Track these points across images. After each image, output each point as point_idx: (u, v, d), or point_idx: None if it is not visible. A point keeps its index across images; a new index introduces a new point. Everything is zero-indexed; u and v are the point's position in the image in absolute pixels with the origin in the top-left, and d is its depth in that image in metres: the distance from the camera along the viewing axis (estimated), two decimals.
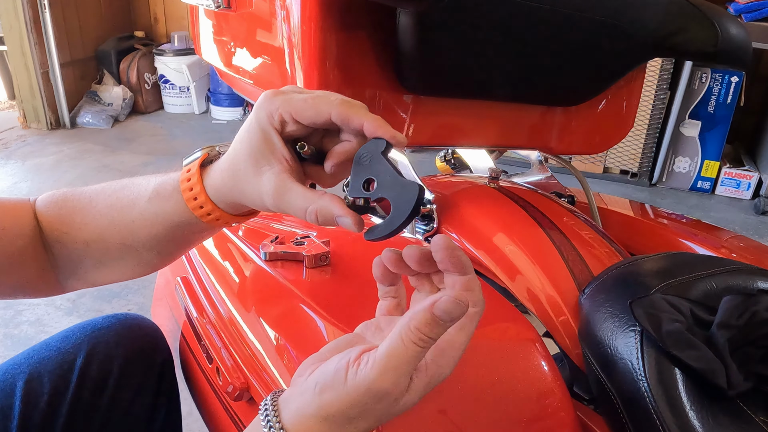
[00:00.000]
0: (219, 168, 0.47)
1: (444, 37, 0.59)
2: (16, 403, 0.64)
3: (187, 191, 0.48)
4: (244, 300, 0.64)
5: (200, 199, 0.47)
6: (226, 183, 0.46)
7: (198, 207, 0.48)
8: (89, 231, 0.51)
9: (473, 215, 0.78)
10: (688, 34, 0.71)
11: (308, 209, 0.42)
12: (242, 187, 0.45)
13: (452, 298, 0.37)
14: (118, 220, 0.51)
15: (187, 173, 0.48)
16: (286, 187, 0.43)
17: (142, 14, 4.25)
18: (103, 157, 3.18)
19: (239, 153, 0.45)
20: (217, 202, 0.47)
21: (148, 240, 0.51)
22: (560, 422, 0.51)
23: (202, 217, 0.48)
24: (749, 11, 2.58)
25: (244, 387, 0.58)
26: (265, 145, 0.43)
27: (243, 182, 0.44)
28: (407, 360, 0.37)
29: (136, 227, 0.50)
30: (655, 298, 0.54)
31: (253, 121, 0.44)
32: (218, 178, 0.47)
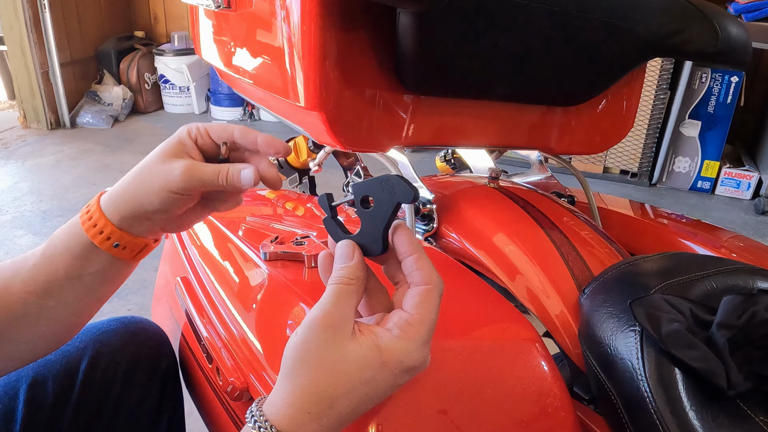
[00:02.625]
0: (119, 183, 0.52)
1: (444, 37, 0.59)
2: (20, 407, 0.64)
3: (84, 215, 0.51)
4: (244, 300, 0.64)
5: (94, 218, 0.51)
6: (126, 189, 0.51)
7: (91, 225, 0.51)
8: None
9: (473, 215, 0.78)
10: (688, 34, 0.71)
11: (220, 173, 0.50)
12: (145, 180, 0.50)
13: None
14: (20, 268, 0.52)
15: (87, 213, 0.52)
16: (197, 165, 0.50)
17: (142, 14, 4.25)
18: (103, 157, 3.18)
19: (149, 158, 0.51)
20: (112, 217, 0.51)
21: (48, 281, 0.52)
22: (560, 422, 0.51)
23: (93, 235, 0.50)
24: (749, 11, 2.58)
25: (244, 387, 0.58)
26: (176, 149, 0.51)
27: (147, 175, 0.50)
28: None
29: (37, 269, 0.52)
30: (655, 298, 0.54)
31: (174, 135, 0.52)
32: (118, 190, 0.51)
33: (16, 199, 2.66)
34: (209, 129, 0.52)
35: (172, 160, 0.50)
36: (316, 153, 0.98)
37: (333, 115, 0.62)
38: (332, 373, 0.40)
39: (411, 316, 0.42)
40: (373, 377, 0.40)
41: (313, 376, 0.40)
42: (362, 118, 0.65)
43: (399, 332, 0.41)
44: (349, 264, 0.44)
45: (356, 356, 0.40)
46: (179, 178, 0.49)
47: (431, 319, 0.42)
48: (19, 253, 2.22)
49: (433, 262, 0.66)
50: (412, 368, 0.41)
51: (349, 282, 0.43)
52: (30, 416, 0.64)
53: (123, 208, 0.51)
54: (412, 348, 0.41)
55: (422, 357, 0.42)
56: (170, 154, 0.50)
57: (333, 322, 0.41)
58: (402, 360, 0.41)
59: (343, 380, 0.40)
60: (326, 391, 0.40)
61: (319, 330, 0.41)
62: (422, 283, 0.43)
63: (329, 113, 0.61)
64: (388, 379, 0.41)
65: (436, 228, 0.81)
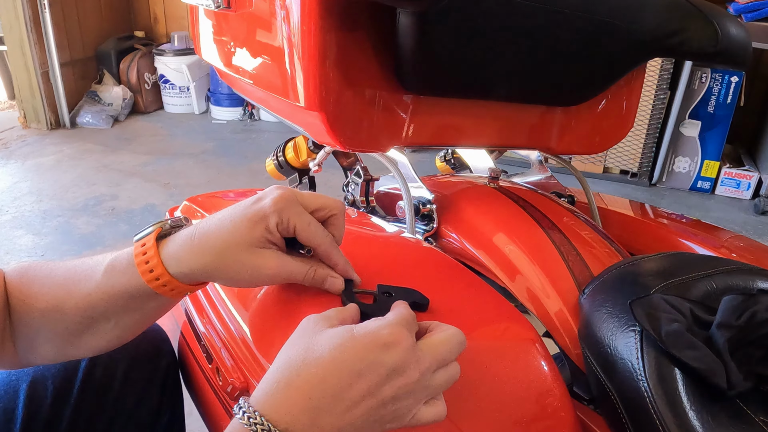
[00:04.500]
0: (189, 245, 0.50)
1: (444, 37, 0.59)
2: (19, 406, 0.64)
3: (142, 264, 0.50)
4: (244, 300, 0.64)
5: (156, 272, 0.50)
6: (200, 260, 0.50)
7: (154, 279, 0.50)
8: (46, 301, 0.52)
9: (473, 215, 0.78)
10: (688, 34, 0.71)
11: (308, 271, 0.53)
12: (229, 264, 0.50)
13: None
14: (74, 291, 0.52)
15: (141, 247, 0.51)
16: (286, 261, 0.52)
17: (142, 14, 4.25)
18: (103, 157, 3.18)
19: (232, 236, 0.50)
20: (176, 274, 0.50)
21: (105, 312, 0.52)
22: (560, 422, 0.51)
23: (157, 288, 0.50)
24: (749, 11, 2.58)
25: (244, 387, 0.58)
26: (266, 237, 0.50)
27: (232, 260, 0.50)
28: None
29: (93, 299, 0.52)
30: (654, 298, 0.54)
31: (266, 216, 0.50)
32: (187, 254, 0.50)
33: (16, 199, 2.66)
34: (299, 233, 0.52)
35: (260, 251, 0.50)
36: (316, 153, 0.98)
37: (333, 115, 0.62)
38: (305, 347, 0.42)
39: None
40: (342, 344, 0.41)
41: (288, 352, 0.43)
42: (362, 118, 0.66)
43: (372, 320, 0.45)
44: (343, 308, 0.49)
45: (329, 332, 0.43)
46: (269, 276, 0.51)
47: (408, 315, 0.45)
48: (19, 253, 2.22)
49: (433, 262, 0.66)
50: (388, 343, 0.42)
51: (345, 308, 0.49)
52: (30, 415, 0.64)
53: (190, 272, 0.50)
54: (383, 323, 0.43)
55: (396, 331, 0.42)
56: (259, 243, 0.50)
57: (318, 316, 0.45)
58: (372, 332, 0.42)
59: (312, 349, 0.42)
60: (295, 360, 0.42)
61: (303, 322, 0.45)
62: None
63: (329, 113, 0.61)
64: (359, 349, 0.41)
65: (436, 228, 0.81)
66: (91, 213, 2.55)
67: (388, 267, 0.63)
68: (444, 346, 0.44)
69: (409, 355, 0.42)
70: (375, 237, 0.74)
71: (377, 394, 0.41)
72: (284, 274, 0.52)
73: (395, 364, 0.41)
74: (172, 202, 2.57)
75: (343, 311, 0.48)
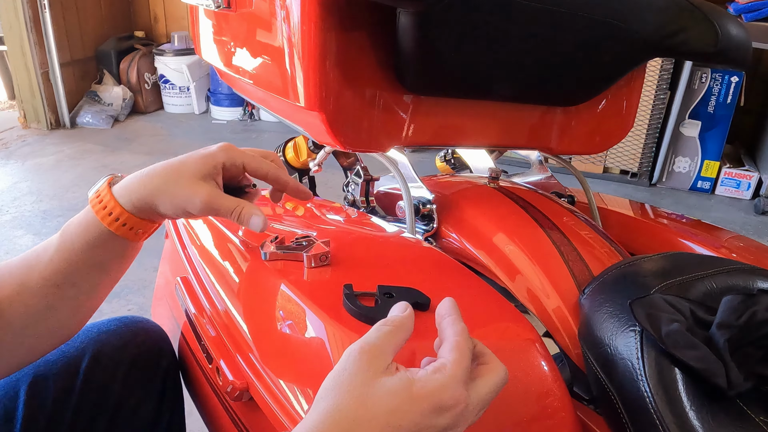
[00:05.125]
0: (137, 177, 0.55)
1: (444, 37, 0.59)
2: (20, 407, 0.64)
3: (100, 210, 0.54)
4: (244, 300, 0.64)
5: (113, 212, 0.54)
6: (147, 186, 0.54)
7: (106, 214, 0.54)
8: (9, 285, 0.54)
9: (473, 215, 0.78)
10: (688, 34, 0.71)
11: (235, 208, 0.56)
12: (171, 189, 0.54)
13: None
14: (35, 264, 0.54)
15: (97, 197, 0.55)
16: (219, 194, 0.56)
17: (142, 14, 4.25)
18: (103, 157, 3.18)
19: (181, 165, 0.55)
20: (127, 206, 0.54)
21: (68, 273, 0.54)
22: (560, 422, 0.51)
23: (110, 224, 0.54)
24: (749, 11, 2.58)
25: (244, 387, 0.58)
26: (210, 171, 0.56)
27: (174, 184, 0.54)
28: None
29: (55, 263, 0.54)
30: (655, 298, 0.54)
31: (209, 154, 0.57)
32: (135, 183, 0.55)
33: (16, 199, 2.66)
34: (247, 164, 0.58)
35: (199, 182, 0.55)
36: (316, 153, 0.98)
37: (333, 115, 0.62)
38: (358, 399, 0.39)
39: (444, 358, 0.42)
40: (399, 407, 0.38)
41: (338, 400, 0.39)
42: (362, 118, 0.66)
43: (433, 369, 0.41)
44: (401, 314, 0.45)
45: (386, 386, 0.39)
46: (198, 206, 0.54)
47: (465, 365, 0.41)
48: (18, 253, 2.21)
49: (433, 262, 0.66)
50: (446, 407, 0.39)
51: (394, 324, 0.43)
52: (30, 416, 0.64)
53: (138, 200, 0.54)
54: (445, 382, 0.40)
55: (457, 394, 0.40)
56: (201, 174, 0.55)
57: (371, 352, 0.41)
58: (433, 393, 0.39)
59: (367, 405, 0.38)
60: (348, 416, 0.38)
61: (354, 356, 0.41)
62: (454, 335, 0.43)
63: (329, 113, 0.61)
64: (416, 414, 0.39)
65: (436, 228, 0.81)
66: None
67: (389, 267, 0.63)
68: (492, 394, 0.43)
69: (462, 415, 0.40)
70: (375, 237, 0.74)
71: None
72: (214, 205, 0.55)
73: (448, 425, 0.40)
74: None
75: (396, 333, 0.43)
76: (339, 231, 0.77)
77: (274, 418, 0.52)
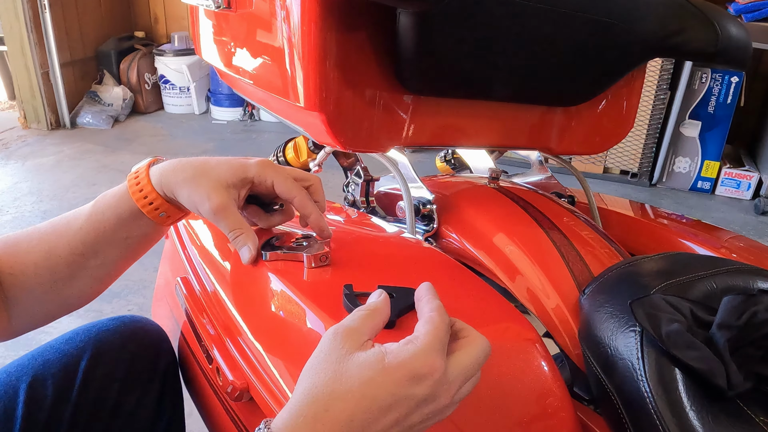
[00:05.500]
0: (175, 164, 0.57)
1: (444, 37, 0.59)
2: (19, 406, 0.64)
3: (133, 184, 0.57)
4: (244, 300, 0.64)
5: (145, 189, 0.57)
6: (178, 175, 0.56)
7: (139, 193, 0.57)
8: (38, 251, 0.57)
9: (473, 215, 0.78)
10: (688, 34, 0.71)
11: (234, 231, 0.57)
12: (192, 186, 0.56)
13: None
14: (64, 232, 0.57)
15: (135, 177, 0.57)
16: (229, 208, 0.56)
17: (142, 14, 4.25)
18: (103, 157, 3.18)
19: (213, 168, 0.57)
20: (156, 187, 0.57)
21: (96, 242, 0.57)
22: (560, 422, 0.51)
23: (141, 204, 0.57)
24: (749, 11, 2.58)
25: (244, 387, 0.58)
26: (235, 182, 0.57)
27: (196, 184, 0.56)
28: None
29: (84, 232, 0.57)
30: (655, 298, 0.54)
31: (241, 166, 0.58)
32: (170, 169, 0.57)
33: (16, 200, 2.66)
34: (277, 184, 0.59)
35: (220, 189, 0.56)
36: (316, 153, 0.98)
37: (333, 116, 0.62)
38: (333, 374, 0.40)
39: (418, 331, 0.42)
40: (373, 378, 0.39)
41: (315, 379, 0.40)
42: (362, 119, 0.66)
43: (405, 341, 0.41)
44: (377, 299, 0.47)
45: (359, 359, 0.40)
46: (206, 210, 0.56)
47: (438, 337, 0.42)
48: None
49: (433, 262, 0.66)
50: (420, 375, 0.40)
51: (369, 308, 0.45)
52: (29, 416, 0.64)
53: (167, 186, 0.57)
54: (416, 351, 0.40)
55: (431, 362, 0.40)
56: (226, 182, 0.56)
57: (346, 332, 0.42)
58: (405, 362, 0.40)
59: (341, 380, 0.39)
60: (324, 391, 0.39)
61: (330, 338, 0.42)
62: (429, 311, 0.44)
63: (329, 113, 0.61)
64: (390, 385, 0.39)
65: (436, 228, 0.81)
66: None
67: (389, 267, 0.63)
68: (474, 365, 0.43)
69: (441, 385, 0.41)
70: (375, 237, 0.74)
71: (405, 422, 0.40)
72: (219, 216, 0.56)
73: (426, 395, 0.40)
74: None
75: (373, 316, 0.44)
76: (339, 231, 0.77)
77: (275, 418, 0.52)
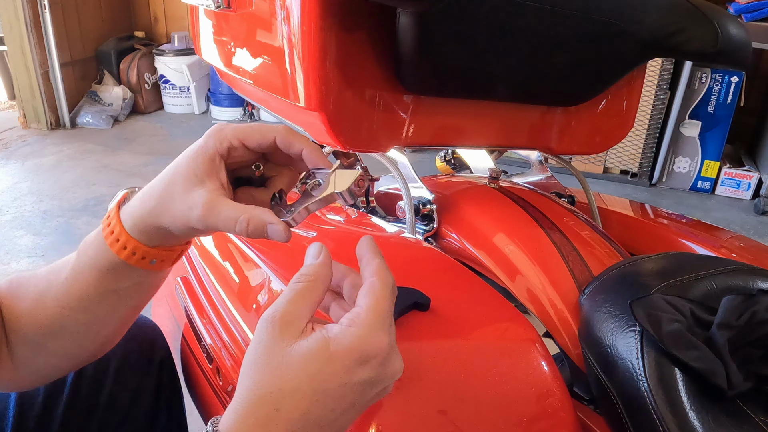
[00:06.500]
0: (139, 195, 0.46)
1: (444, 37, 0.59)
2: (11, 405, 0.63)
3: (105, 228, 0.47)
4: (244, 300, 0.64)
5: (116, 233, 0.46)
6: (146, 205, 0.45)
7: (115, 241, 0.46)
8: (30, 298, 0.50)
9: (473, 215, 0.78)
10: (688, 34, 0.71)
11: (240, 218, 0.43)
12: (167, 205, 0.44)
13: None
14: (54, 280, 0.49)
15: (107, 218, 0.47)
16: (218, 201, 0.43)
17: (142, 14, 4.25)
18: (103, 157, 3.18)
19: (173, 173, 0.45)
20: (134, 233, 0.46)
21: (80, 298, 0.49)
22: (560, 422, 0.51)
23: (119, 253, 0.46)
24: (749, 11, 2.58)
25: None
26: (204, 168, 0.44)
27: (169, 200, 0.44)
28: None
29: (69, 284, 0.49)
30: (655, 298, 0.54)
31: (199, 147, 0.45)
32: (137, 204, 0.46)
33: (16, 200, 2.66)
34: (245, 139, 0.45)
35: (195, 187, 0.44)
36: None
37: (333, 115, 0.62)
38: (276, 371, 0.37)
39: (359, 308, 0.39)
40: (320, 370, 0.37)
41: (258, 377, 0.37)
42: (362, 119, 0.65)
43: (347, 322, 0.39)
44: (315, 262, 0.42)
45: (301, 350, 0.37)
46: (199, 219, 0.43)
47: (381, 307, 0.39)
48: (18, 253, 2.22)
49: (433, 262, 0.66)
50: (367, 357, 0.38)
51: (308, 279, 0.40)
52: (21, 414, 0.63)
53: (142, 223, 0.46)
54: (361, 333, 0.38)
55: (377, 342, 0.38)
56: (194, 177, 0.44)
57: (283, 319, 0.38)
58: (351, 347, 0.37)
59: (287, 377, 0.37)
60: (271, 391, 0.37)
61: (268, 328, 0.38)
62: (369, 276, 0.41)
63: (329, 113, 0.61)
64: (340, 373, 0.37)
65: (436, 228, 0.81)
66: (91, 213, 2.55)
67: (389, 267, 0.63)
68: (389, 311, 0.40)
69: (388, 362, 0.39)
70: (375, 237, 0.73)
71: (360, 402, 0.39)
72: (212, 218, 0.43)
73: (377, 373, 0.39)
74: None
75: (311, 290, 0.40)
76: (339, 231, 0.77)
77: None
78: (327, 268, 0.42)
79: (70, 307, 0.49)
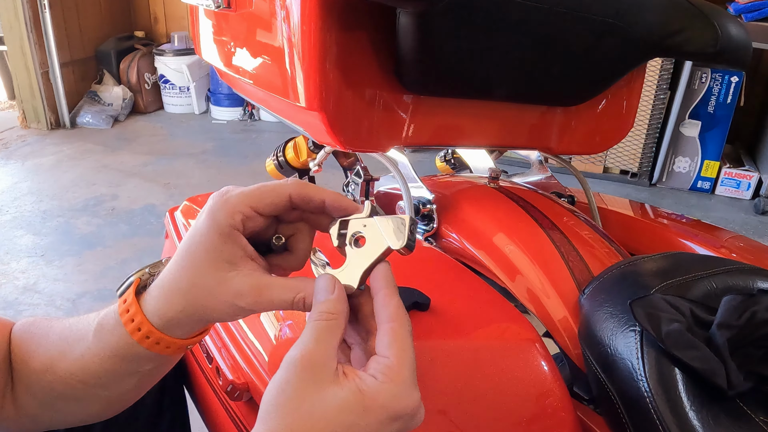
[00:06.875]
0: (160, 292, 0.43)
1: (444, 37, 0.59)
2: None
3: (129, 323, 0.44)
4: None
5: (144, 330, 0.43)
6: (175, 305, 0.42)
7: (144, 338, 0.43)
8: (40, 360, 0.48)
9: (473, 215, 0.78)
10: (688, 34, 0.71)
11: (295, 298, 0.41)
12: (203, 302, 0.42)
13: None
14: (68, 352, 0.47)
15: (123, 304, 0.44)
16: (265, 283, 0.41)
17: (142, 14, 4.25)
18: (103, 157, 3.18)
19: (191, 264, 0.42)
20: (163, 328, 0.43)
21: (100, 376, 0.46)
22: (560, 422, 0.51)
23: (150, 347, 0.44)
24: (749, 11, 2.58)
25: (244, 387, 0.58)
26: (228, 249, 0.41)
27: (206, 295, 0.41)
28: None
29: (86, 362, 0.46)
30: (655, 298, 0.54)
31: (208, 227, 0.41)
32: (163, 302, 0.43)
33: (16, 199, 2.66)
34: (256, 206, 0.42)
35: (230, 275, 0.41)
36: (316, 153, 0.98)
37: (333, 115, 0.62)
38: (309, 418, 0.36)
39: (388, 359, 0.38)
40: (355, 423, 0.36)
41: (288, 421, 0.36)
42: (362, 119, 0.65)
43: (382, 376, 0.38)
44: (330, 298, 0.40)
45: (336, 400, 0.37)
46: (247, 302, 0.41)
47: (409, 357, 0.39)
48: (18, 253, 2.22)
49: (433, 262, 0.66)
50: (400, 415, 0.38)
51: (330, 317, 0.39)
52: None
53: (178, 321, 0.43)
54: (397, 391, 0.38)
55: (411, 402, 0.38)
56: (224, 262, 0.41)
57: (313, 360, 0.37)
58: (387, 405, 0.37)
59: (320, 425, 0.36)
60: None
61: (297, 370, 0.37)
62: (388, 320, 0.40)
63: (329, 113, 0.61)
64: (373, 426, 0.37)
65: (436, 228, 0.81)
66: (91, 213, 2.56)
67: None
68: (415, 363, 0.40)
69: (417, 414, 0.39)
70: None
71: None
72: (265, 302, 0.41)
73: (405, 426, 0.39)
74: (172, 202, 2.57)
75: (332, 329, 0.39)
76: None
77: None
78: (345, 303, 0.41)
79: (84, 381, 0.47)
